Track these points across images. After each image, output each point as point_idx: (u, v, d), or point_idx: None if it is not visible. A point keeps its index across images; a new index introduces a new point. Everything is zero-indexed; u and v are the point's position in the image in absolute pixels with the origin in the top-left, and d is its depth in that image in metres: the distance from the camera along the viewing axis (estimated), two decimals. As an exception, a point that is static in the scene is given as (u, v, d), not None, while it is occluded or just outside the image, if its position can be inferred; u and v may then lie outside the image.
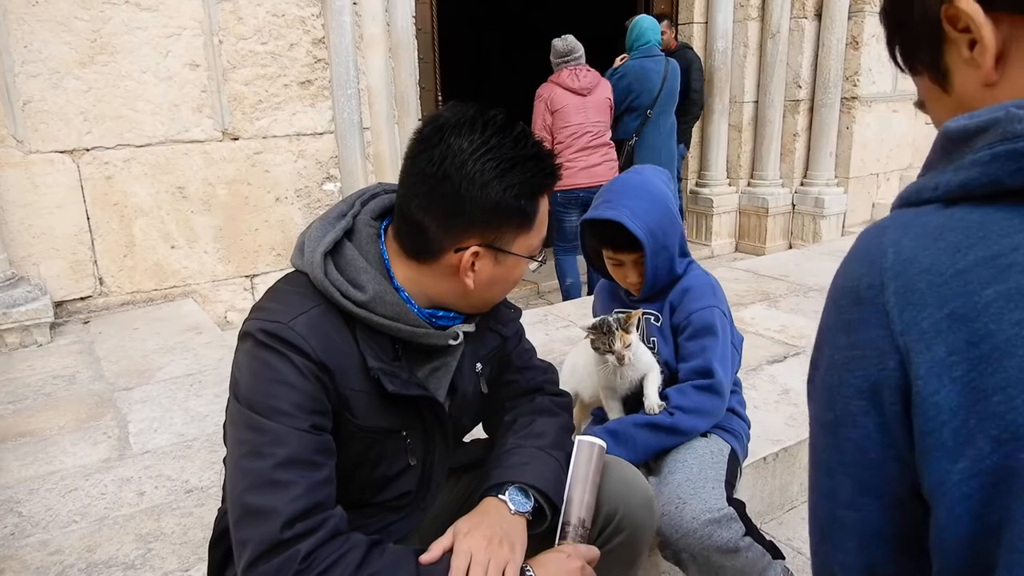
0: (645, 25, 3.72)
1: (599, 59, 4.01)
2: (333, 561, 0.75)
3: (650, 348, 1.34)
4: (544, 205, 0.89)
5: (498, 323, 1.02)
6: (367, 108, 3.27)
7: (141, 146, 2.65)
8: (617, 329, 1.22)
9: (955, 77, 0.54)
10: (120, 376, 2.08)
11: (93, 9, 2.48)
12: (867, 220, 4.98)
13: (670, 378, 1.33)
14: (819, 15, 4.75)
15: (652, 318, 1.35)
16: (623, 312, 1.31)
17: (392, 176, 3.53)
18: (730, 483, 1.28)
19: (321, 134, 3.00)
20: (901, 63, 0.60)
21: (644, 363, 1.29)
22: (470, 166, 0.82)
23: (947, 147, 0.48)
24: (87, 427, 1.78)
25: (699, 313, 1.30)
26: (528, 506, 0.89)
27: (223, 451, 1.60)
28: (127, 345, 2.34)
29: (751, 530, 1.21)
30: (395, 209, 0.90)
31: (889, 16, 0.60)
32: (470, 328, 0.95)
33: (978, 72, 0.51)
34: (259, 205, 2.91)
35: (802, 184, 4.95)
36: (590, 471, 0.94)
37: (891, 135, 5.19)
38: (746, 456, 1.41)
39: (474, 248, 0.85)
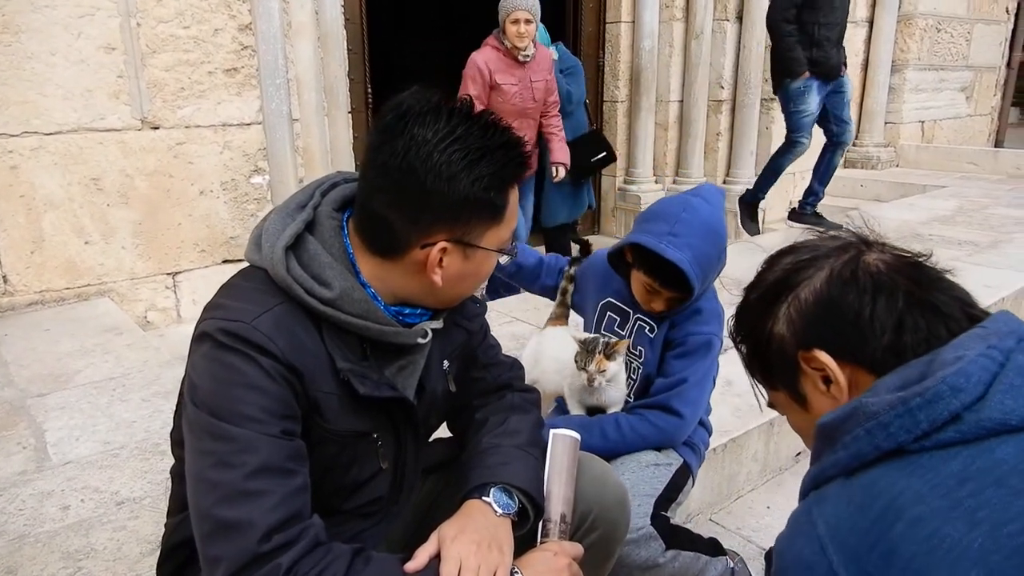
0: None
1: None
2: (316, 574, 0.70)
3: (636, 356, 1.34)
4: (514, 196, 0.86)
5: (464, 318, 0.99)
6: (296, 99, 3.16)
7: (51, 134, 2.46)
8: (599, 352, 1.22)
9: (812, 400, 0.72)
10: (32, 381, 1.93)
11: (-6, -16, 2.29)
12: (782, 218, 5.18)
13: (645, 388, 1.34)
14: (740, 18, 4.91)
15: (647, 328, 1.35)
16: (611, 338, 1.30)
17: (322, 170, 3.42)
18: (668, 497, 1.28)
19: (248, 125, 2.87)
20: (760, 381, 0.76)
21: (611, 397, 1.30)
22: (436, 157, 0.78)
23: (824, 437, 0.65)
24: (-1, 437, 1.63)
25: (697, 336, 1.30)
26: (513, 507, 0.86)
27: (156, 459, 1.51)
28: (38, 348, 2.17)
29: (680, 540, 1.22)
30: (356, 202, 0.86)
31: (744, 342, 0.75)
32: (438, 325, 0.91)
33: (833, 400, 0.69)
34: (182, 199, 2.76)
35: (725, 181, 5.10)
36: (567, 466, 0.92)
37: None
38: (701, 464, 1.41)
39: (442, 244, 0.81)
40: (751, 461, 1.76)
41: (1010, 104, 9.75)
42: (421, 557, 0.77)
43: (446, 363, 0.95)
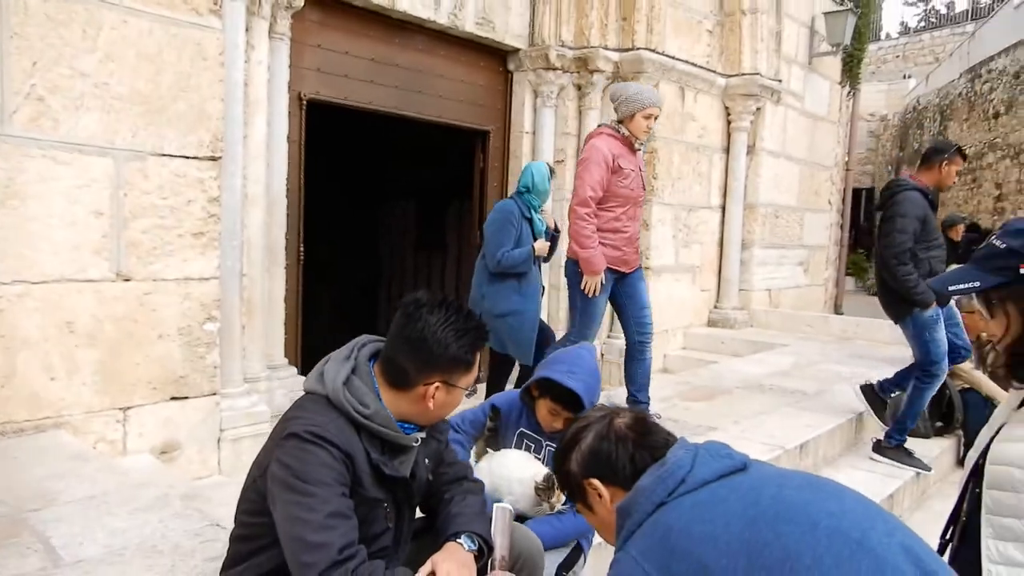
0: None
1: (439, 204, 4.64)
2: (367, 574, 1.16)
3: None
4: (478, 356, 1.43)
5: (437, 432, 1.52)
6: (246, 257, 3.66)
7: (36, 283, 2.83)
8: (557, 489, 1.78)
9: (595, 507, 1.25)
10: (21, 500, 2.20)
11: (12, 160, 2.74)
12: (661, 368, 5.97)
13: None
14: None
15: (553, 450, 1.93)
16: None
17: (262, 319, 3.88)
18: (566, 565, 1.81)
19: (207, 279, 3.32)
20: (568, 498, 1.33)
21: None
22: (439, 333, 1.35)
23: (623, 513, 1.16)
24: (7, 544, 1.91)
25: None
26: (475, 547, 1.36)
27: (157, 556, 1.86)
28: (13, 474, 2.42)
29: None
30: (382, 355, 1.40)
31: (558, 477, 1.31)
32: (423, 435, 1.43)
33: (605, 507, 1.22)
34: (143, 341, 3.13)
35: (608, 337, 5.88)
36: (505, 525, 1.42)
37: (676, 299, 6.38)
38: (590, 548, 1.96)
39: (436, 383, 1.36)
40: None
41: (844, 275, 11.46)
42: (424, 570, 1.24)
43: (427, 460, 1.46)
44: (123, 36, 2.99)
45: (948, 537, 1.52)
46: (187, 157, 3.21)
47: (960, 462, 4.58)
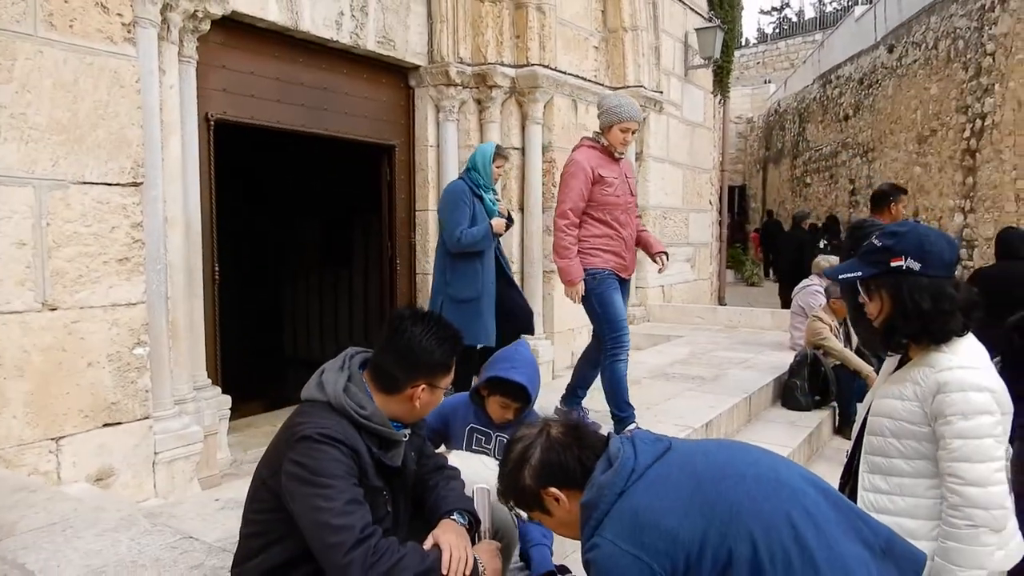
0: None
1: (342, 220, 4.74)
2: (386, 548, 1.38)
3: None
4: (455, 360, 1.66)
5: (418, 428, 1.73)
6: (170, 279, 3.68)
7: (-40, 317, 2.78)
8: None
9: (554, 511, 1.45)
10: (-23, 534, 2.20)
11: (-72, 194, 2.69)
12: (570, 365, 6.32)
13: None
14: (522, 208, 6.23)
15: (503, 438, 2.16)
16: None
17: (186, 340, 3.90)
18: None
19: (135, 304, 3.34)
20: (522, 509, 1.49)
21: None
22: (424, 342, 1.57)
23: (587, 508, 1.38)
24: (-19, 574, 1.94)
25: None
26: (465, 521, 1.58)
27: (141, 570, 1.95)
28: (-43, 510, 2.40)
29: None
30: (372, 364, 1.60)
31: (508, 496, 1.48)
32: (409, 431, 1.65)
33: (563, 508, 1.43)
34: (72, 370, 3.11)
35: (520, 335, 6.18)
36: (487, 504, 1.66)
37: (579, 299, 6.75)
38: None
39: (422, 386, 1.58)
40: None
41: (726, 269, 12.37)
42: (427, 543, 1.46)
43: (412, 453, 1.68)
44: (39, 66, 2.98)
45: (844, 479, 1.90)
46: (109, 184, 3.22)
47: (836, 430, 5.19)
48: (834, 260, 5.93)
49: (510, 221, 4.45)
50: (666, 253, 4.02)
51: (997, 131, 8.57)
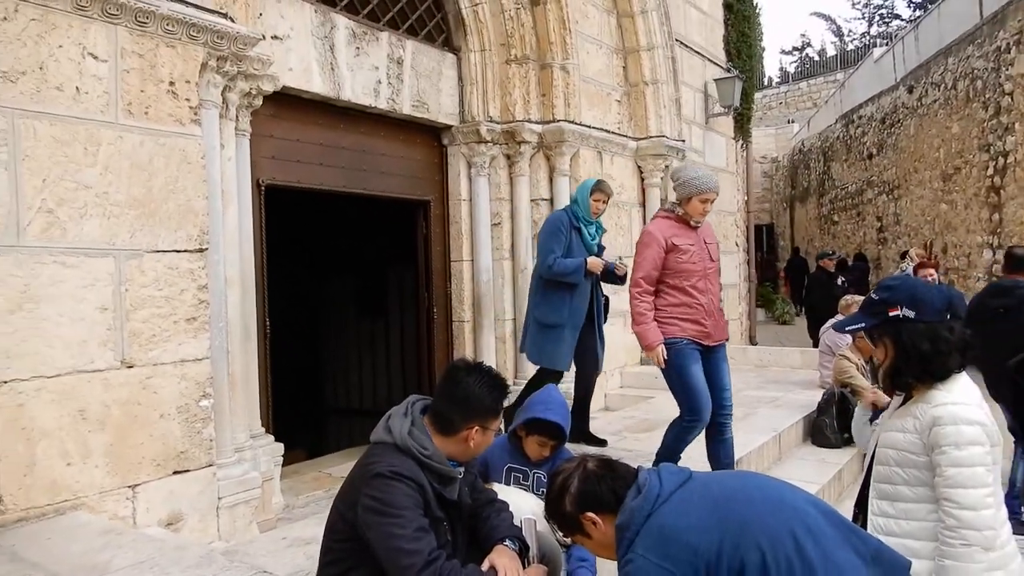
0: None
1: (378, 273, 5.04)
2: (450, 569, 1.61)
3: (539, 495, 2.33)
4: (503, 405, 1.90)
5: (470, 466, 1.96)
6: (229, 335, 3.98)
7: (52, 376, 3.09)
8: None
9: (592, 533, 1.70)
10: (74, 571, 2.46)
11: (25, 268, 3.03)
12: (603, 407, 6.49)
13: None
14: (552, 258, 6.48)
15: (541, 475, 2.38)
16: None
17: (243, 391, 4.18)
18: None
19: (201, 360, 3.63)
20: (564, 534, 1.78)
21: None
22: (476, 390, 1.82)
23: (622, 528, 1.64)
24: (84, 606, 2.19)
25: None
26: (516, 547, 1.80)
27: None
28: (54, 551, 2.66)
29: None
30: (431, 410, 1.85)
31: (554, 519, 1.81)
32: (463, 469, 1.88)
33: (600, 530, 1.69)
34: (146, 422, 3.40)
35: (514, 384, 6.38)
36: (533, 531, 1.87)
37: (611, 342, 6.93)
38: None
39: (475, 428, 1.82)
40: None
41: (756, 308, 12.46)
42: (484, 565, 1.67)
43: (466, 488, 1.90)
44: (119, 150, 3.35)
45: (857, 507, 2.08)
46: (178, 251, 3.55)
47: (868, 467, 5.26)
48: (859, 299, 6.07)
49: (621, 279, 4.56)
50: None
51: (1020, 168, 8.67)
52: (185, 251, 3.58)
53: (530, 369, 6.24)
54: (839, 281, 9.34)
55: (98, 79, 3.27)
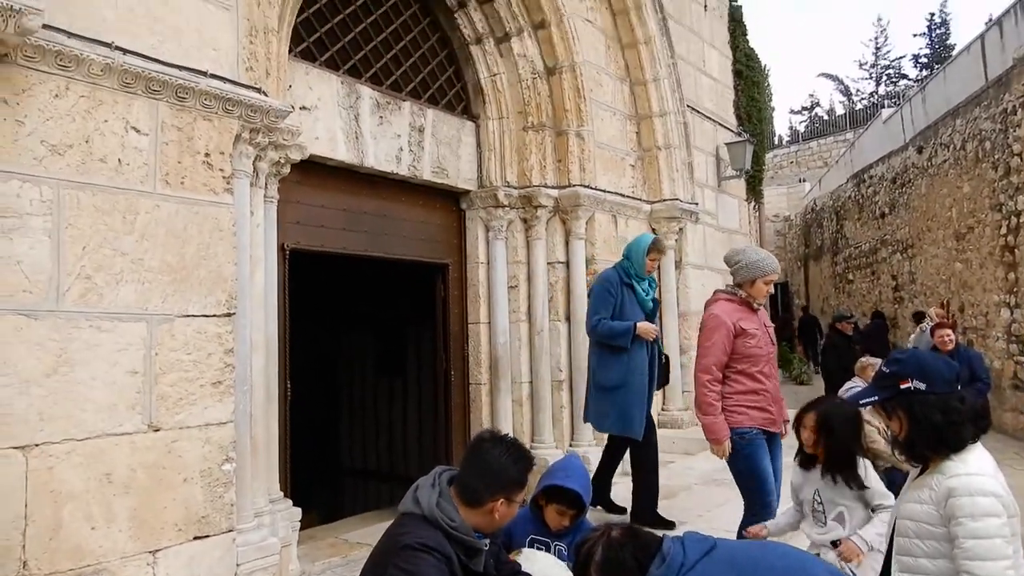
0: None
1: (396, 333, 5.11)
2: None
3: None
4: (528, 477, 1.93)
5: (495, 538, 1.98)
6: (252, 399, 4.04)
7: (81, 439, 3.15)
8: None
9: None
10: (99, 639, 2.46)
11: (63, 332, 3.12)
12: (623, 470, 6.42)
13: None
14: (568, 319, 6.55)
15: (563, 548, 2.40)
16: None
17: (264, 455, 4.21)
18: None
19: (225, 423, 3.68)
20: None
21: None
22: (502, 462, 1.86)
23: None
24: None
25: None
26: None
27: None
28: (77, 617, 2.67)
29: None
30: (458, 482, 1.89)
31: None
32: (488, 541, 1.90)
33: None
34: (170, 486, 3.43)
35: (570, 444, 6.35)
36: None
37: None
38: None
39: (501, 500, 1.85)
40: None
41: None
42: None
43: (491, 560, 1.92)
44: (155, 218, 3.48)
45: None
46: (207, 316, 3.65)
47: (893, 534, 5.16)
48: (876, 362, 6.05)
49: (664, 360, 4.57)
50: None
51: (1033, 228, 8.72)
52: (214, 316, 3.67)
53: (545, 433, 6.25)
54: (856, 345, 9.28)
55: (139, 151, 3.43)
